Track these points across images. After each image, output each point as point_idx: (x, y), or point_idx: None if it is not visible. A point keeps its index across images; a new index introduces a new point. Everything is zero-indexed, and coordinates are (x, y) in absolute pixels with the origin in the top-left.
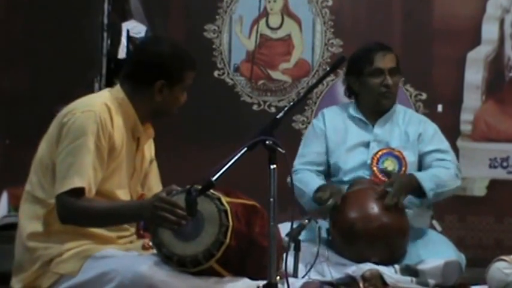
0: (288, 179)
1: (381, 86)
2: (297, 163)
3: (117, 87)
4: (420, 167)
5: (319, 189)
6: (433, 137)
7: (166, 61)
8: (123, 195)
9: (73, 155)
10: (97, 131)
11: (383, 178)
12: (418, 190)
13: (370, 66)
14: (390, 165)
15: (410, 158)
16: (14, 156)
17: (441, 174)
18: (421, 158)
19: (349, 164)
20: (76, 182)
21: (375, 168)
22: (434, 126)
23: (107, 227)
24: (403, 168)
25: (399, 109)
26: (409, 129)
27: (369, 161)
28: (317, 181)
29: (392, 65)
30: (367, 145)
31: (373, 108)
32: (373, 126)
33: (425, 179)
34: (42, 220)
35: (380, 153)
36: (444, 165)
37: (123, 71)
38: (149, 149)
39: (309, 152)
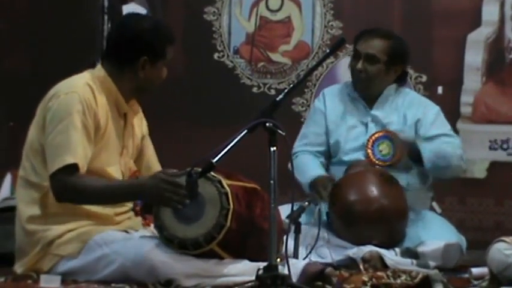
0: (289, 165)
1: (354, 69)
2: (297, 144)
3: (98, 67)
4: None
5: (313, 183)
6: (435, 121)
7: (148, 37)
8: (114, 172)
9: (61, 134)
10: (82, 109)
11: (377, 162)
12: (416, 153)
13: (354, 48)
14: (385, 148)
15: None
16: (17, 138)
17: (444, 146)
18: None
19: (349, 144)
20: (67, 159)
21: (369, 151)
22: (436, 110)
23: (104, 205)
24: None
25: (400, 92)
26: (408, 112)
27: (365, 143)
28: (313, 170)
29: (370, 51)
30: (365, 125)
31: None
32: (370, 108)
33: (426, 148)
34: (39, 203)
35: (376, 135)
36: (449, 146)
37: (105, 50)
38: (139, 125)
39: (309, 132)
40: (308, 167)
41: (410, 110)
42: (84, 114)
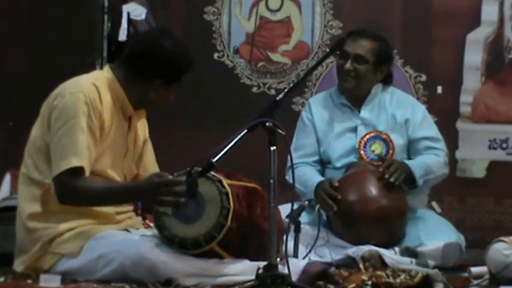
0: (287, 176)
1: (342, 68)
2: (294, 156)
3: (107, 68)
4: (408, 151)
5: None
6: (422, 122)
7: (171, 63)
8: (116, 174)
9: (67, 136)
10: (88, 111)
11: (371, 162)
12: (409, 176)
13: (342, 48)
14: (378, 148)
15: (398, 141)
16: (16, 139)
17: (430, 161)
18: (410, 143)
19: (338, 150)
20: (73, 162)
21: (362, 152)
22: (423, 110)
23: (104, 206)
24: (391, 151)
25: (386, 90)
26: (396, 111)
27: (357, 146)
28: (314, 179)
29: (359, 51)
30: (354, 130)
31: (342, 91)
32: (359, 111)
33: (416, 165)
34: (40, 200)
35: (367, 136)
36: (434, 153)
37: (123, 55)
38: (142, 128)
39: (302, 144)
40: (308, 176)
41: (399, 109)
42: (89, 116)
